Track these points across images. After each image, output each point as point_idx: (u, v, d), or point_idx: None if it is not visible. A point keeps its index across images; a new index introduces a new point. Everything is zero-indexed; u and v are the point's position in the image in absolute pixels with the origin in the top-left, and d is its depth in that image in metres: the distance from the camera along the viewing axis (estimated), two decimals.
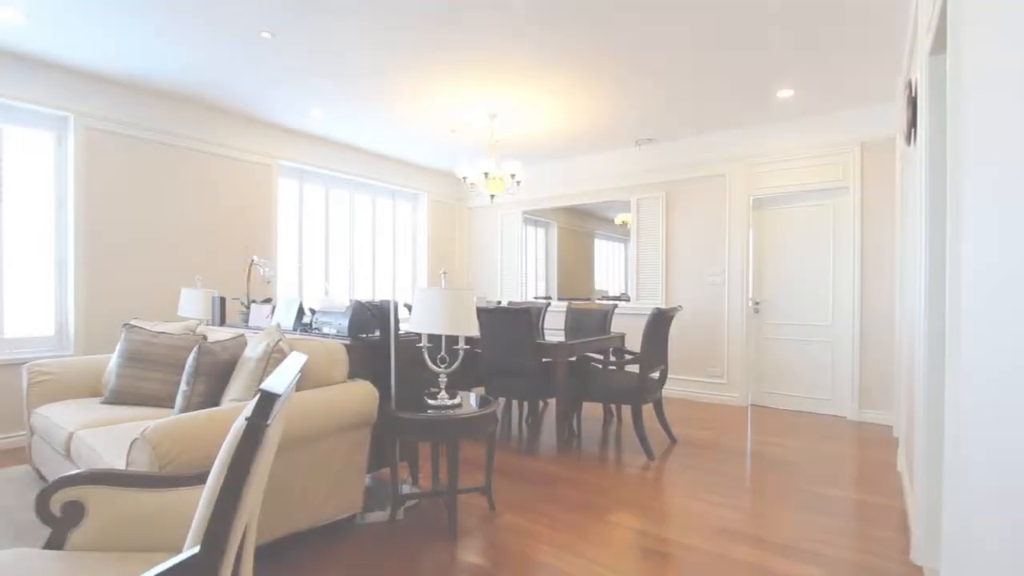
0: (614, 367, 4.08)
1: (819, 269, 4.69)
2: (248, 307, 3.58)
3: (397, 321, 2.52)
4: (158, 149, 4.24)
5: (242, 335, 2.51)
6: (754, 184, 4.94)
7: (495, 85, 3.85)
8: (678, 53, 3.35)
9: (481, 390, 4.24)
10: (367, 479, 2.49)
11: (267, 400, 0.85)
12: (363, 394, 2.33)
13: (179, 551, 1.39)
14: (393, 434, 2.36)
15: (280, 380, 0.93)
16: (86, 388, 3.05)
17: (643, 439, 3.42)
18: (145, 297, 4.18)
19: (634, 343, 5.49)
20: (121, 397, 2.78)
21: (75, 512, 1.36)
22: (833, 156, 4.54)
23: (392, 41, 3.23)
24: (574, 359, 4.03)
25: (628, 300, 5.75)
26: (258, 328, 3.26)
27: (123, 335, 2.89)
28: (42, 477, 2.87)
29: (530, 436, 3.79)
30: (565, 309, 4.96)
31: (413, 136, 5.23)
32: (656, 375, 3.69)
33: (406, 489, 2.74)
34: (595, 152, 5.79)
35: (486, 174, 4.10)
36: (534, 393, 3.59)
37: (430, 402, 2.41)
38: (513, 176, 4.11)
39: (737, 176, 5.02)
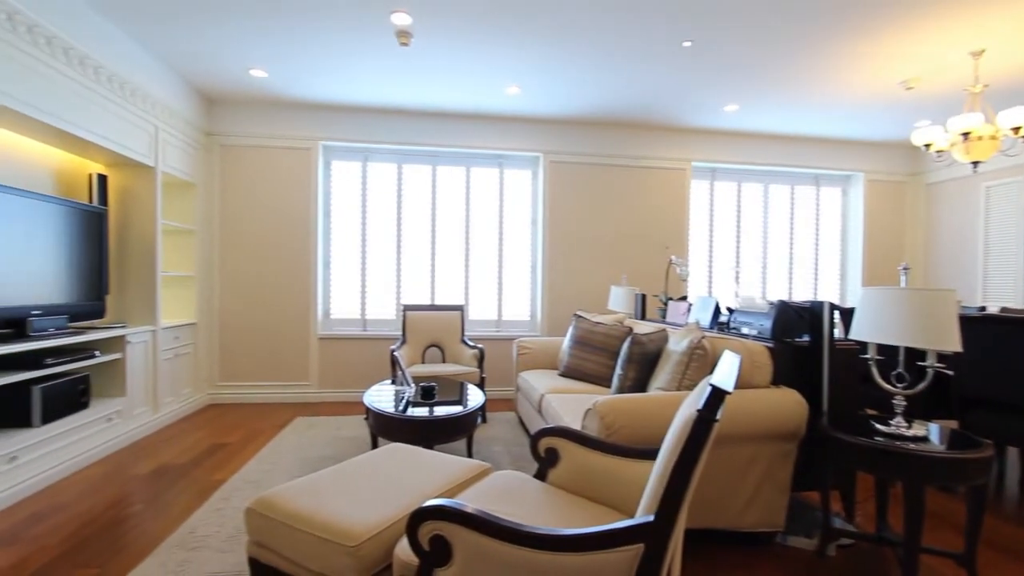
0: None
1: None
2: (666, 304, 3.85)
3: (832, 325, 2.17)
4: (595, 170, 5.10)
5: (663, 329, 2.71)
6: None
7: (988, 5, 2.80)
8: None
9: (952, 424, 3.22)
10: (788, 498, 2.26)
11: (718, 396, 0.86)
12: (789, 403, 2.11)
13: (619, 508, 1.61)
14: (826, 455, 2.04)
15: (727, 379, 0.93)
16: (548, 362, 3.96)
17: None
18: (586, 292, 5.10)
19: None
20: (571, 372, 3.48)
21: (553, 456, 1.77)
22: None
23: (827, 6, 2.80)
24: None
25: None
26: (675, 324, 3.46)
27: (573, 323, 3.60)
28: (522, 423, 3.90)
29: None
30: None
31: (846, 107, 4.43)
32: None
33: (838, 523, 2.33)
34: None
35: (965, 135, 3.04)
36: None
37: (879, 427, 1.97)
38: (1018, 130, 2.89)
39: None
